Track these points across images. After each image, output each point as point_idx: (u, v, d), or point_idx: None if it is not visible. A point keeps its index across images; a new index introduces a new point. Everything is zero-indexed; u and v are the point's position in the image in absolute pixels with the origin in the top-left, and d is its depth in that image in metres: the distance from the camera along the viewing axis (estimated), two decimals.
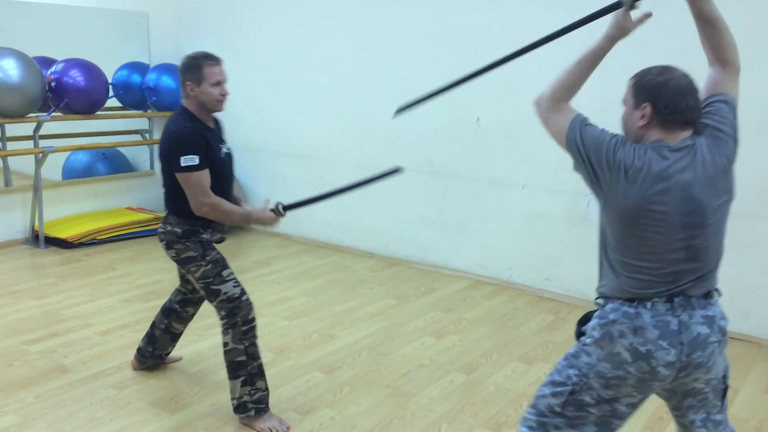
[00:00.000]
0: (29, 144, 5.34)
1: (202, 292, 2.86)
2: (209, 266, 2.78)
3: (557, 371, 1.89)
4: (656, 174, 1.69)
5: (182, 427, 2.79)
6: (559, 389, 1.85)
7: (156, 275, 4.69)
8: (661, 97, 1.72)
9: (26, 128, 5.32)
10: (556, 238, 4.41)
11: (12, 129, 5.45)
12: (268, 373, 3.26)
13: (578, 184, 4.25)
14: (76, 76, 5.22)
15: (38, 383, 3.12)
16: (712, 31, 1.92)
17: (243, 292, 2.80)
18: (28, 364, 3.32)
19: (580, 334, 1.90)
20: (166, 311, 3.17)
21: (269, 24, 5.61)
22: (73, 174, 6.10)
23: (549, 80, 1.85)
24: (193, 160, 2.63)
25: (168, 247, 2.83)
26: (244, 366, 2.76)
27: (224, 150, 2.85)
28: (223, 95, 2.76)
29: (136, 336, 3.57)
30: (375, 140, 5.19)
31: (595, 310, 1.88)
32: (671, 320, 1.72)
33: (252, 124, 5.90)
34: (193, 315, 3.22)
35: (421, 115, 4.92)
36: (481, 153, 4.66)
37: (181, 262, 2.83)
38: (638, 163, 1.70)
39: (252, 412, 2.78)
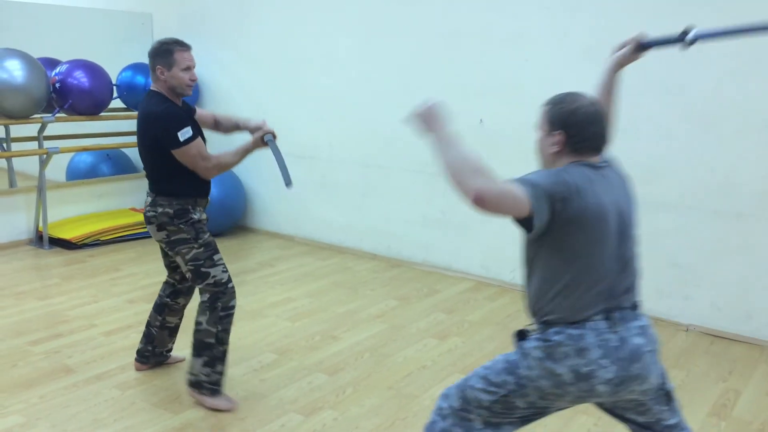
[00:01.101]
0: (34, 145, 5.37)
1: (188, 275, 2.92)
2: (201, 249, 2.87)
3: (494, 372, 1.88)
4: (597, 189, 1.76)
5: (185, 428, 2.80)
6: (492, 389, 1.86)
7: (160, 276, 4.68)
8: (572, 125, 1.80)
9: (31, 129, 5.35)
10: None
11: (17, 130, 5.47)
12: (271, 374, 3.29)
13: None
14: (81, 77, 5.23)
15: (42, 384, 3.14)
16: (612, 100, 2.11)
17: (230, 279, 2.93)
18: (32, 364, 3.34)
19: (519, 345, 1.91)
20: (159, 307, 3.21)
21: (272, 24, 5.62)
22: (77, 175, 6.12)
23: (469, 176, 1.68)
24: (188, 132, 2.76)
25: (159, 228, 2.89)
26: (210, 348, 2.88)
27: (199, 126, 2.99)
28: (193, 80, 2.87)
29: (139, 337, 3.57)
30: (376, 140, 5.20)
31: (527, 331, 1.89)
32: (611, 337, 1.76)
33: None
34: (185, 306, 3.26)
35: None
36: (483, 154, 4.63)
37: (171, 243, 2.88)
38: (582, 183, 1.74)
39: (206, 392, 2.91)
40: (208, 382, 2.90)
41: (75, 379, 3.19)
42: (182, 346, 3.51)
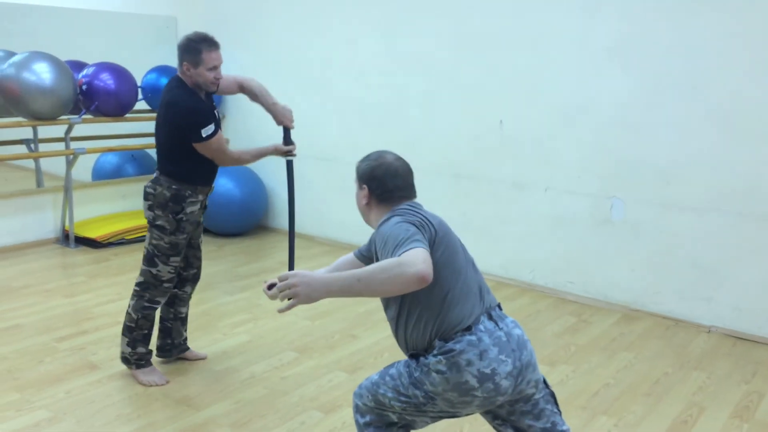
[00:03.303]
0: (61, 146, 5.47)
1: (144, 251, 3.08)
2: (167, 246, 3.02)
3: (402, 385, 1.93)
4: (436, 215, 2.01)
5: (207, 424, 2.84)
6: (403, 398, 1.93)
7: None
8: (373, 180, 2.05)
9: (58, 130, 5.44)
10: (579, 241, 4.39)
11: (44, 131, 5.57)
12: (291, 372, 3.32)
13: (601, 186, 4.26)
14: (107, 80, 5.32)
15: (68, 379, 3.20)
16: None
17: (170, 280, 3.08)
18: (58, 360, 3.40)
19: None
20: (169, 300, 3.27)
21: (294, 28, 5.67)
22: (102, 175, 6.21)
23: (399, 272, 1.65)
24: (211, 128, 2.88)
25: (150, 208, 3.01)
26: (131, 331, 3.12)
27: (218, 116, 3.08)
28: (218, 79, 2.93)
29: None
30: (398, 143, 5.19)
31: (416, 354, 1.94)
32: (500, 334, 1.89)
33: (276, 128, 5.93)
34: (191, 293, 3.33)
35: (443, 118, 4.95)
36: (503, 155, 4.66)
37: (151, 224, 3.03)
38: (419, 209, 1.98)
39: (134, 367, 3.16)
40: (133, 359, 3.15)
41: (100, 376, 3.25)
42: (202, 345, 3.56)
